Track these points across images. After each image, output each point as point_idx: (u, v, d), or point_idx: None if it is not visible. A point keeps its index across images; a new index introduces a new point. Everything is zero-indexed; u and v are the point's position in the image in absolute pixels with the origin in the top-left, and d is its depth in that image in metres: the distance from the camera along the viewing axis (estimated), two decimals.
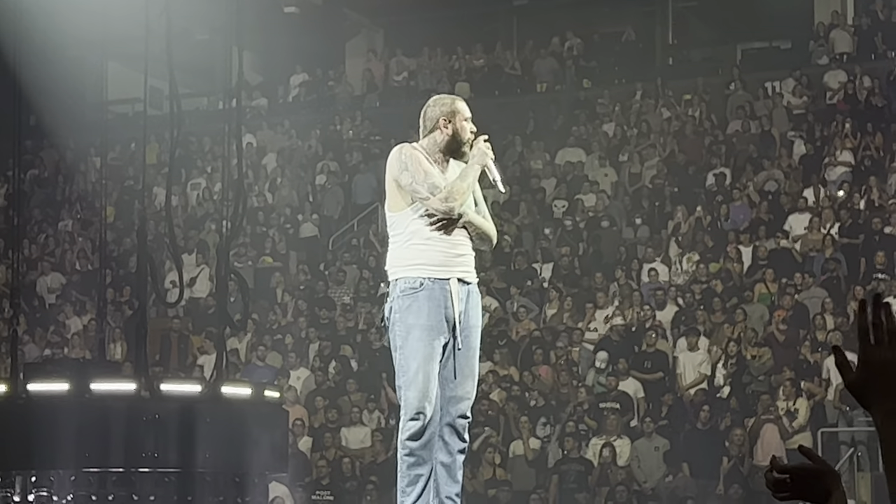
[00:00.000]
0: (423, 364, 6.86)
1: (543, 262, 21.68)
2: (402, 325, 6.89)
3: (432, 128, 7.07)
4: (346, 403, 19.42)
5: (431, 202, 6.87)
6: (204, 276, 22.17)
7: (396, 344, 6.94)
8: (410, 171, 6.90)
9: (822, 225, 20.56)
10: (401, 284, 6.93)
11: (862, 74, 23.41)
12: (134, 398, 11.59)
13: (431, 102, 7.22)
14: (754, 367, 18.54)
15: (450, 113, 7.08)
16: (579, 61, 26.49)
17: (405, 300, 6.89)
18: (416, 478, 6.91)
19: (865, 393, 2.79)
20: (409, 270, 6.91)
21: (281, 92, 28.20)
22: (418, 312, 6.87)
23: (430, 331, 6.88)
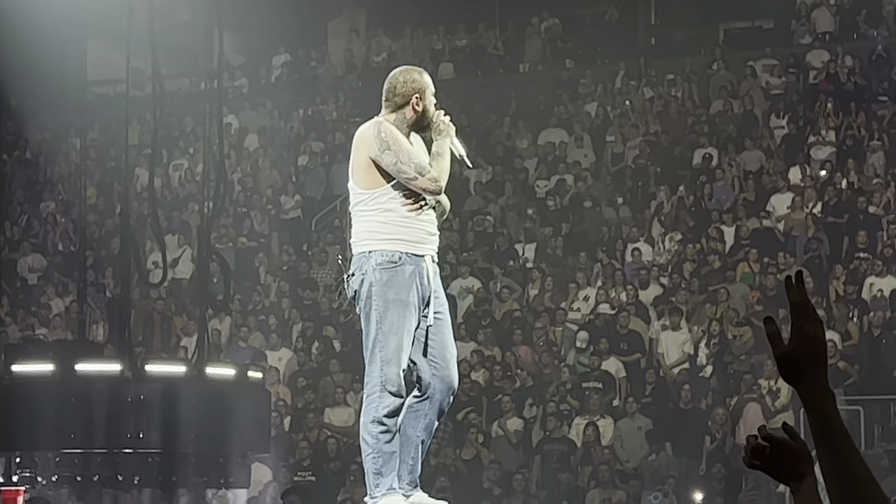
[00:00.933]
0: (403, 340, 6.80)
1: (526, 243, 21.70)
2: (381, 300, 6.78)
3: (402, 104, 6.94)
4: (330, 384, 19.43)
5: (420, 182, 6.79)
6: (186, 257, 22.13)
7: (373, 318, 6.80)
8: (393, 150, 6.78)
9: (805, 204, 20.60)
10: (377, 257, 6.80)
11: (844, 54, 23.44)
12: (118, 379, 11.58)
13: (399, 77, 6.99)
14: (736, 346, 18.58)
15: (420, 90, 6.95)
16: (562, 41, 26.47)
17: (383, 273, 6.78)
18: (390, 455, 6.83)
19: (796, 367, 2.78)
20: (387, 244, 6.80)
21: (263, 72, 28.13)
22: (399, 287, 6.79)
23: (409, 306, 6.81)
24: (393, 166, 6.79)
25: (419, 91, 6.96)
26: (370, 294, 6.82)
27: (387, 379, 6.79)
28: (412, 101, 6.94)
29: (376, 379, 6.82)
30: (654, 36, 27.75)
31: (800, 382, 2.78)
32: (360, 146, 6.90)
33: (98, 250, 22.56)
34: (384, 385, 6.79)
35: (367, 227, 6.88)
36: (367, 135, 6.87)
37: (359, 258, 6.90)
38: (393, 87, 6.98)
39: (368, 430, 6.84)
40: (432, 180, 6.81)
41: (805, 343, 2.79)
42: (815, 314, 2.83)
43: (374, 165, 6.82)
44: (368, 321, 6.85)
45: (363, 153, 6.86)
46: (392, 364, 6.79)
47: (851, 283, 19.01)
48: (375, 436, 6.81)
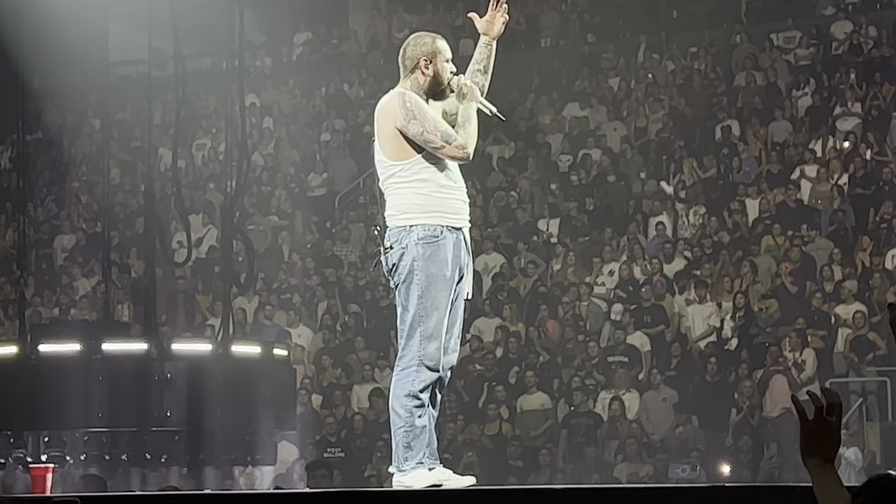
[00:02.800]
0: (442, 316, 6.77)
1: (550, 218, 21.67)
2: (424, 275, 6.72)
3: (412, 68, 6.90)
4: (356, 361, 19.47)
5: (447, 150, 6.74)
6: (211, 237, 22.18)
7: (414, 293, 6.75)
8: (419, 119, 6.72)
9: (830, 176, 20.52)
10: (419, 231, 6.74)
11: (868, 24, 23.29)
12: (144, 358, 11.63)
13: (411, 41, 7.00)
14: (762, 318, 18.55)
15: (430, 53, 6.90)
16: (584, 16, 26.38)
17: (426, 248, 6.72)
18: (421, 430, 6.80)
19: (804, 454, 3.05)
20: (429, 218, 6.74)
21: (284, 51, 28.12)
22: (442, 262, 6.74)
23: (449, 282, 6.78)
24: (420, 136, 6.73)
25: (427, 54, 6.91)
26: (412, 269, 6.76)
27: (425, 354, 6.76)
28: (420, 63, 6.89)
29: (414, 353, 6.78)
30: (675, 9, 27.60)
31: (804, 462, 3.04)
32: (385, 118, 6.84)
33: (123, 231, 22.62)
34: (422, 360, 6.76)
35: (405, 199, 6.81)
36: (391, 106, 6.82)
37: (398, 232, 6.82)
38: (403, 51, 6.98)
39: (402, 403, 6.80)
40: (459, 147, 6.76)
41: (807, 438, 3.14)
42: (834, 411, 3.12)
43: (401, 136, 6.76)
44: (409, 296, 6.79)
45: (389, 124, 6.80)
46: (433, 339, 6.76)
47: (877, 254, 18.94)
48: (409, 409, 6.78)
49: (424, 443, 6.82)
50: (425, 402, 6.81)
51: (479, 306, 19.92)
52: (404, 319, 6.84)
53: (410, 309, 6.79)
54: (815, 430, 2.98)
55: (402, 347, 6.88)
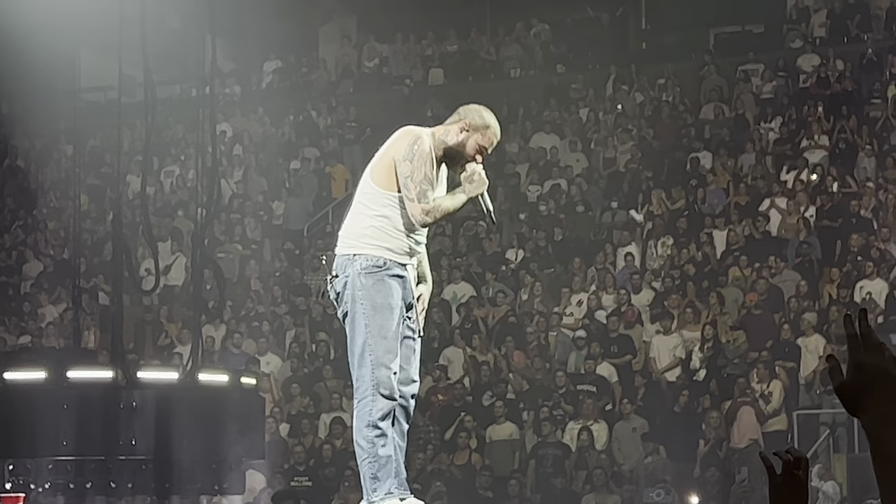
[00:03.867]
0: (393, 343, 6.79)
1: (519, 247, 21.71)
2: (368, 304, 6.76)
3: (453, 122, 6.93)
4: (324, 390, 19.42)
5: (412, 206, 6.77)
6: (179, 264, 22.11)
7: (360, 321, 6.78)
8: (414, 165, 6.76)
9: (798, 208, 20.62)
10: (361, 261, 6.79)
11: (835, 57, 23.47)
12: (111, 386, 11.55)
13: (473, 108, 7.00)
14: (730, 350, 18.60)
15: (475, 127, 6.92)
16: (552, 46, 26.49)
17: (369, 278, 6.77)
18: (386, 459, 6.80)
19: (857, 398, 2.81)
20: (372, 249, 6.81)
21: (254, 79, 28.13)
22: (387, 292, 6.78)
23: (396, 311, 6.82)
24: (403, 178, 6.77)
25: (471, 126, 6.92)
26: (355, 298, 6.82)
27: (379, 382, 6.77)
28: (460, 126, 6.91)
29: (368, 383, 6.79)
30: (644, 41, 27.79)
31: (858, 412, 2.81)
32: (393, 143, 6.90)
33: (90, 258, 22.54)
34: (376, 388, 6.77)
35: (356, 227, 6.90)
36: (403, 139, 6.87)
37: (342, 260, 6.90)
38: (459, 109, 7.02)
39: (363, 434, 6.81)
40: (424, 211, 6.78)
41: (860, 374, 2.81)
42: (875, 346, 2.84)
43: (393, 168, 6.82)
44: (355, 325, 6.84)
45: (391, 151, 6.87)
46: (384, 367, 6.77)
47: (845, 286, 19.03)
48: (371, 440, 6.79)
49: (392, 472, 6.80)
50: (386, 431, 6.80)
51: (447, 336, 19.92)
52: (353, 350, 6.86)
53: (358, 339, 6.81)
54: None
55: (355, 379, 6.89)
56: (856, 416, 2.82)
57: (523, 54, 26.52)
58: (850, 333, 2.84)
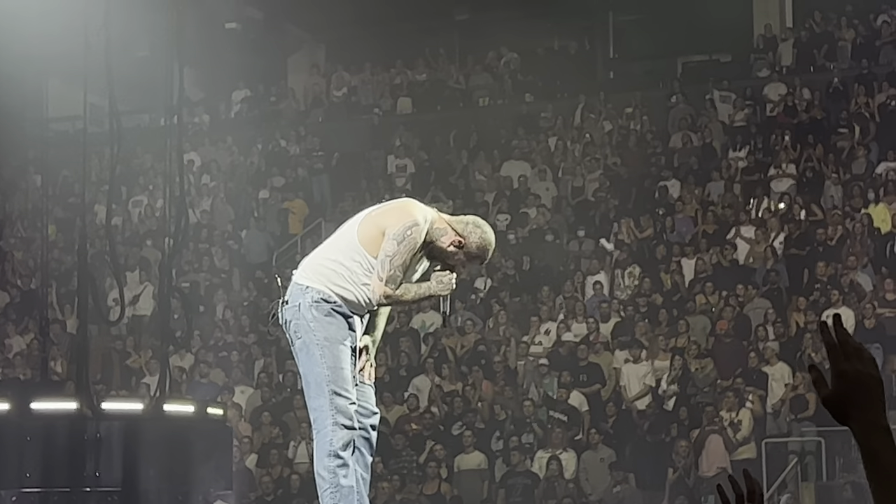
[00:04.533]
0: (349, 374, 6.78)
1: (487, 276, 21.70)
2: (322, 335, 6.75)
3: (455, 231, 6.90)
4: (293, 419, 19.34)
5: (375, 284, 6.78)
6: (147, 294, 22.03)
7: (315, 352, 6.75)
8: (398, 251, 6.76)
9: (766, 237, 20.69)
10: (313, 294, 6.79)
11: (801, 86, 23.59)
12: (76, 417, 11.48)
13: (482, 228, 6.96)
14: (698, 378, 18.62)
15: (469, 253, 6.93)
16: (521, 75, 26.55)
17: (320, 310, 6.76)
18: (348, 490, 6.76)
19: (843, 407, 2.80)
20: (327, 288, 6.80)
21: (223, 108, 28.09)
22: (338, 325, 6.78)
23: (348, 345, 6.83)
24: (384, 254, 6.77)
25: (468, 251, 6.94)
26: (308, 329, 6.81)
27: (338, 410, 6.74)
28: (457, 240, 6.91)
29: (326, 412, 6.76)
30: (612, 70, 27.90)
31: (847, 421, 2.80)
32: (391, 214, 6.89)
33: (58, 288, 22.43)
34: (335, 418, 6.74)
35: (321, 264, 6.90)
36: (404, 215, 6.85)
37: (295, 288, 6.90)
38: (469, 219, 7.00)
39: (324, 464, 6.77)
40: (383, 295, 6.80)
41: (844, 382, 2.80)
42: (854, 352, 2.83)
43: (381, 237, 6.81)
44: (310, 355, 6.81)
45: (385, 221, 6.85)
46: (341, 397, 6.75)
47: (812, 314, 19.08)
48: (332, 470, 6.75)
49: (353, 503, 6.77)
50: (347, 461, 6.77)
51: (416, 365, 19.89)
52: (308, 381, 6.85)
53: (315, 368, 6.79)
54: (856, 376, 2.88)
55: (312, 409, 6.86)
56: (845, 425, 2.80)
57: (492, 83, 26.58)
58: (829, 342, 2.83)
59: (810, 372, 2.86)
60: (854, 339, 2.84)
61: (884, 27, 24.22)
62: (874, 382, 2.80)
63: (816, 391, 2.83)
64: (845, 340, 2.82)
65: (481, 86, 26.58)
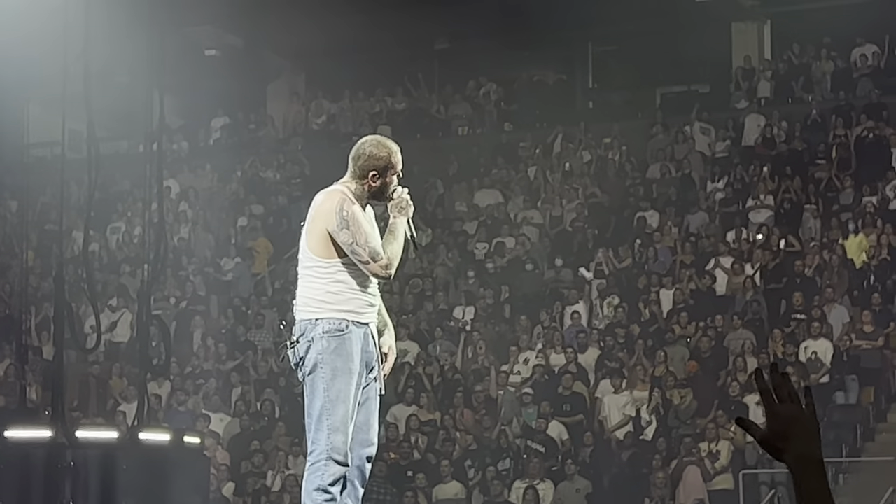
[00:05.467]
0: (349, 408, 6.77)
1: (466, 305, 21.68)
2: (329, 368, 6.74)
3: (361, 175, 6.94)
4: (271, 448, 19.26)
5: (372, 266, 6.80)
6: (124, 321, 21.94)
7: (319, 385, 6.76)
8: (351, 230, 6.77)
9: (744, 267, 20.72)
10: (324, 325, 6.78)
11: (780, 118, 23.67)
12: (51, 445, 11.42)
13: (368, 149, 6.97)
14: (677, 409, 18.60)
15: (383, 168, 6.94)
16: (500, 104, 26.60)
17: (330, 342, 6.75)
18: None
19: (777, 444, 2.99)
20: (334, 313, 6.79)
21: (202, 135, 28.06)
22: (347, 356, 6.76)
23: (355, 375, 6.80)
24: (348, 246, 6.77)
25: (377, 169, 6.93)
26: (317, 361, 6.78)
27: (333, 447, 6.73)
28: (368, 175, 6.93)
29: (322, 447, 6.75)
30: (591, 100, 27.96)
31: (782, 456, 2.99)
32: (318, 217, 6.87)
33: (35, 314, 22.31)
34: (330, 453, 6.73)
35: (314, 294, 6.86)
36: (327, 207, 6.85)
37: (303, 325, 6.86)
38: (358, 155, 6.98)
39: (312, 497, 6.76)
40: (384, 267, 6.82)
41: (776, 422, 2.99)
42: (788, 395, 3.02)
43: (329, 237, 6.80)
44: (314, 389, 6.80)
45: (321, 223, 6.84)
46: (339, 433, 6.74)
47: (791, 344, 19.10)
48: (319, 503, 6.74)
49: None
50: (335, 496, 6.76)
51: (394, 394, 19.82)
52: (311, 413, 6.82)
53: (317, 402, 6.78)
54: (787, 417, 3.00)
55: (310, 441, 6.85)
56: (780, 461, 2.99)
57: (472, 112, 26.61)
58: (762, 388, 3.03)
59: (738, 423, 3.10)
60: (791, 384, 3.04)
61: (861, 59, 24.33)
62: (806, 420, 3.00)
63: (751, 434, 3.04)
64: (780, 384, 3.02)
65: (460, 115, 26.61)
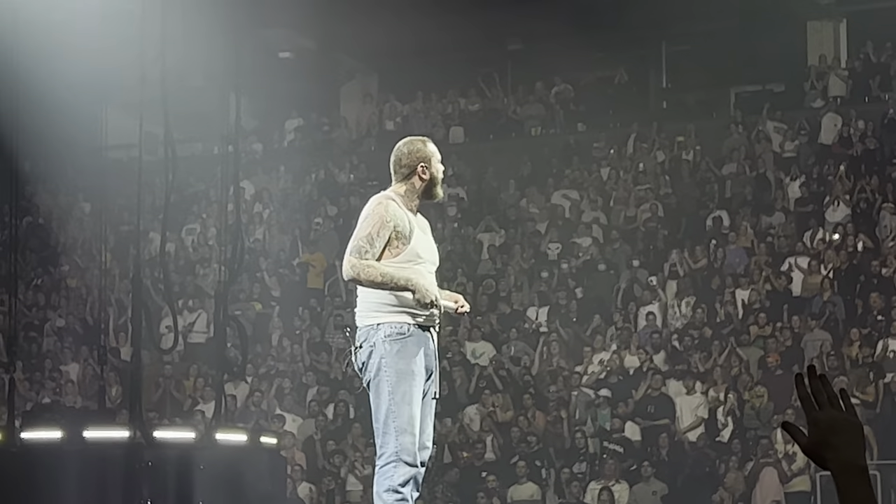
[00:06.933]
0: (416, 410, 6.82)
1: (540, 306, 21.64)
2: (393, 370, 6.79)
3: (409, 174, 7.05)
4: (347, 448, 19.34)
5: (346, 258, 6.87)
6: (201, 322, 22.10)
7: (384, 389, 6.81)
8: (363, 224, 6.89)
9: (820, 267, 20.55)
10: (385, 329, 6.84)
11: (856, 118, 23.44)
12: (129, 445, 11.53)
13: (404, 148, 7.14)
14: (752, 410, 18.48)
15: (426, 158, 7.07)
16: (573, 105, 26.54)
17: (393, 345, 6.81)
18: None
19: (820, 452, 2.97)
20: (395, 316, 6.84)
21: (276, 137, 28.21)
22: (410, 358, 6.81)
23: (419, 377, 6.85)
24: (353, 236, 6.89)
25: (424, 160, 7.07)
26: (380, 366, 6.84)
27: (402, 448, 6.78)
28: (418, 169, 7.03)
29: (391, 449, 6.81)
30: (665, 99, 27.82)
31: (824, 465, 2.97)
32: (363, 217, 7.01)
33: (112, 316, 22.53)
34: (399, 455, 6.78)
35: (373, 297, 6.92)
36: (369, 205, 7.02)
37: (366, 330, 6.93)
38: (398, 158, 7.11)
39: (383, 499, 6.82)
40: (351, 266, 6.84)
41: (818, 429, 2.96)
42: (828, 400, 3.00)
43: None
44: (379, 392, 6.86)
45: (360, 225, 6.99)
46: (407, 434, 6.79)
47: (867, 345, 18.92)
48: None
49: None
50: (407, 496, 6.81)
51: (468, 394, 19.84)
52: (378, 417, 6.88)
53: (383, 405, 6.83)
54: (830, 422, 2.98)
55: (379, 445, 6.91)
56: (825, 469, 2.96)
57: (545, 113, 26.56)
58: (802, 394, 3.01)
59: (784, 428, 3.06)
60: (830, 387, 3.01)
61: None
62: (849, 426, 2.96)
63: (796, 442, 3.02)
64: (819, 390, 2.99)
65: (533, 115, 26.57)
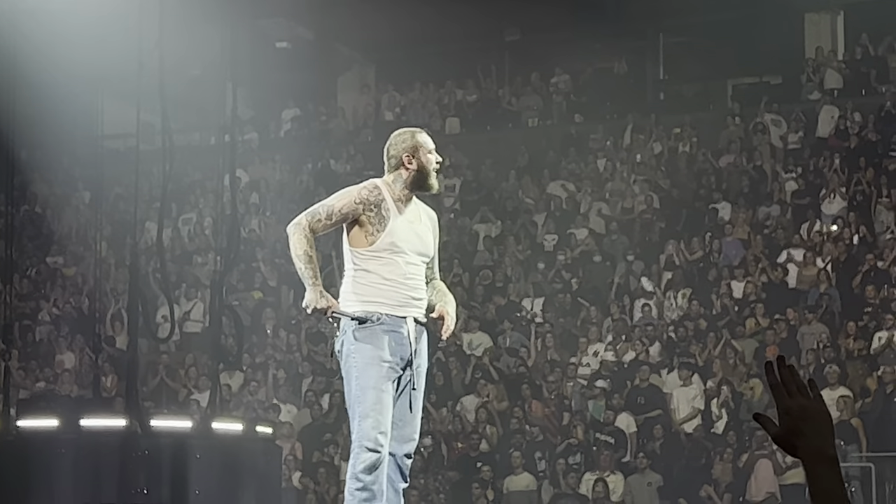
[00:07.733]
0: (380, 395, 6.74)
1: (535, 297, 21.66)
2: (360, 356, 6.76)
3: (397, 165, 7.06)
4: (342, 438, 19.35)
5: (300, 215, 6.97)
6: (197, 311, 22.10)
7: (352, 375, 6.78)
8: (335, 196, 6.96)
9: (816, 260, 20.57)
10: None
11: (853, 110, 23.45)
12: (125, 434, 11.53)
13: (393, 139, 7.17)
14: (747, 401, 18.50)
15: (412, 148, 7.07)
16: (570, 96, 26.54)
17: (362, 332, 6.79)
18: None
19: (791, 440, 2.98)
20: (364, 305, 6.83)
21: (272, 127, 28.20)
22: (377, 344, 6.78)
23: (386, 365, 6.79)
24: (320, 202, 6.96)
25: (410, 150, 7.06)
26: (350, 352, 6.82)
27: (362, 434, 6.74)
28: (403, 159, 7.04)
29: (354, 435, 6.81)
30: (662, 91, 27.83)
31: (794, 453, 2.98)
32: None
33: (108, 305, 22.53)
34: (360, 440, 6.75)
35: (348, 287, 6.96)
36: None
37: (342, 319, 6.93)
38: (387, 149, 7.15)
39: (348, 486, 6.80)
40: (294, 225, 6.95)
41: (789, 418, 2.98)
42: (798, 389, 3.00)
43: (356, 224, 6.90)
44: (349, 378, 6.85)
45: None
46: (368, 419, 6.73)
47: (862, 338, 18.94)
48: (352, 492, 6.76)
49: None
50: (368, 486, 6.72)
51: (464, 385, 19.86)
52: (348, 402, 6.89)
53: (351, 391, 6.83)
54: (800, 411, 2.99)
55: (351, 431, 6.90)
56: (796, 457, 2.98)
57: (542, 104, 26.56)
58: (773, 382, 3.01)
59: (756, 419, 3.09)
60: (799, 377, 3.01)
61: None
62: (818, 415, 2.98)
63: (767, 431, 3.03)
64: (789, 379, 3.00)
65: (531, 106, 26.57)
